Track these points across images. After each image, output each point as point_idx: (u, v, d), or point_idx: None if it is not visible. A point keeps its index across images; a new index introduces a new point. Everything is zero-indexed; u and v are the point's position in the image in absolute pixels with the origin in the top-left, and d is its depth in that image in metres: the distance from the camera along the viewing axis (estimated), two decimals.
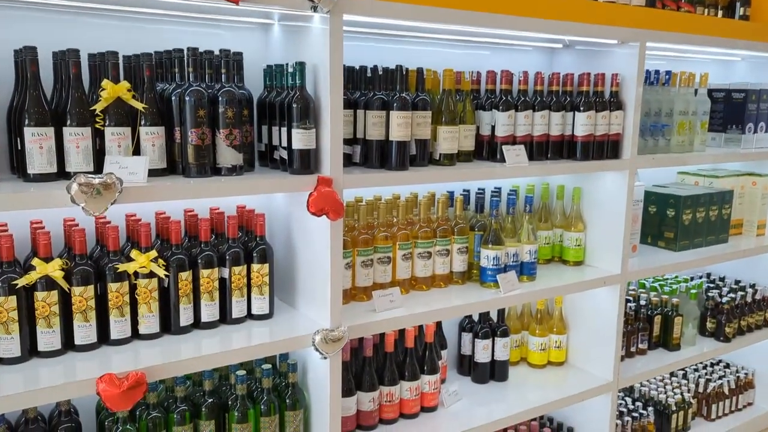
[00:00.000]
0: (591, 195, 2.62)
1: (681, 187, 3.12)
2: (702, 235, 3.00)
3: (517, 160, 2.21)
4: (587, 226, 2.64)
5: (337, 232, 1.80)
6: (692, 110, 2.82)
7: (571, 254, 2.63)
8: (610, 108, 2.42)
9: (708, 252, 2.95)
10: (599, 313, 2.62)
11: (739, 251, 3.00)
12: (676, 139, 2.78)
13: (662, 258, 2.82)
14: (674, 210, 2.91)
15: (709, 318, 3.10)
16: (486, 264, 2.28)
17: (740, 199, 3.24)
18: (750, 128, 3.09)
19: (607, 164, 2.43)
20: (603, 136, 2.41)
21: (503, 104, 2.24)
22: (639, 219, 2.79)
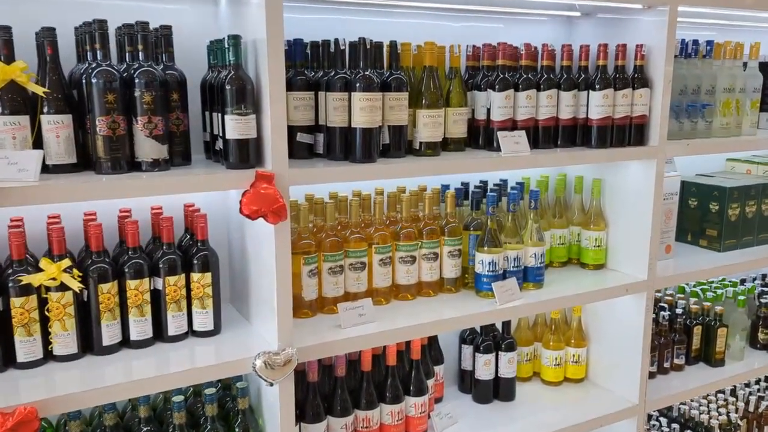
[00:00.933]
0: (614, 188, 2.25)
1: (729, 176, 2.70)
2: (752, 232, 2.58)
3: (515, 149, 1.87)
4: (609, 224, 2.27)
5: (284, 237, 1.53)
6: (740, 87, 2.39)
7: (590, 256, 2.27)
8: (633, 85, 2.04)
9: (759, 253, 2.52)
10: (624, 324, 2.26)
11: None
12: (719, 120, 2.37)
13: (702, 260, 2.42)
14: (718, 204, 2.50)
15: (761, 328, 2.67)
16: (481, 270, 1.96)
17: None
18: None
19: (628, 152, 2.06)
20: (624, 119, 2.04)
21: (499, 83, 1.91)
22: (674, 215, 2.40)
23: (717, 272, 2.37)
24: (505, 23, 2.32)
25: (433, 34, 1.92)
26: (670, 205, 2.38)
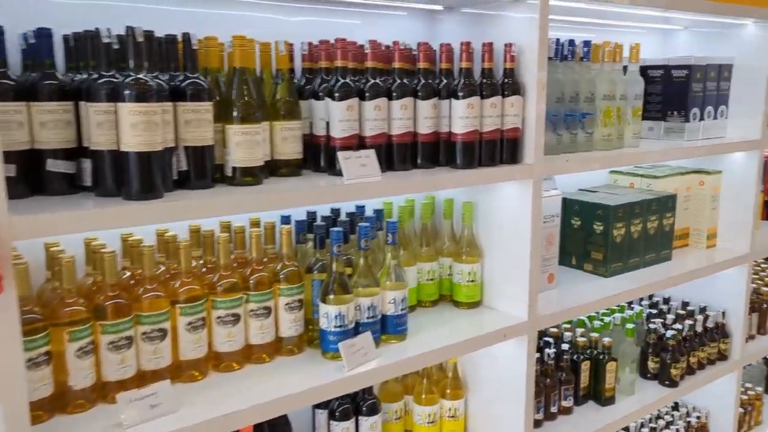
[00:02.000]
0: (488, 212, 1.92)
1: (612, 191, 2.46)
2: (639, 253, 2.34)
3: (361, 174, 1.48)
4: (485, 254, 1.94)
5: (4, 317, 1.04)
6: (621, 93, 2.14)
7: (464, 293, 1.93)
8: (503, 92, 1.71)
9: (648, 276, 2.29)
10: (505, 370, 1.93)
11: (685, 273, 2.34)
12: (600, 131, 2.10)
13: (588, 289, 2.14)
14: (603, 224, 2.24)
15: (651, 356, 2.45)
16: (326, 325, 1.55)
17: (686, 203, 2.60)
18: (695, 114, 2.44)
19: (499, 173, 1.73)
20: (494, 133, 1.71)
21: (340, 89, 1.51)
22: (555, 239, 2.11)
23: (605, 303, 2.09)
24: (363, 18, 1.94)
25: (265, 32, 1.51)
26: (551, 229, 2.08)
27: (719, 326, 2.64)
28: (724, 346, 2.63)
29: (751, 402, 2.92)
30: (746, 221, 2.57)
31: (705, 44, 2.66)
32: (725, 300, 2.68)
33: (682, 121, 2.43)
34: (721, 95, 2.53)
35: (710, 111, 2.50)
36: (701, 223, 2.62)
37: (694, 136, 2.45)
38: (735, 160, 2.58)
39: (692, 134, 2.44)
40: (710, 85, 2.47)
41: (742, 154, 2.55)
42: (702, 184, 2.60)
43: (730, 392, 2.71)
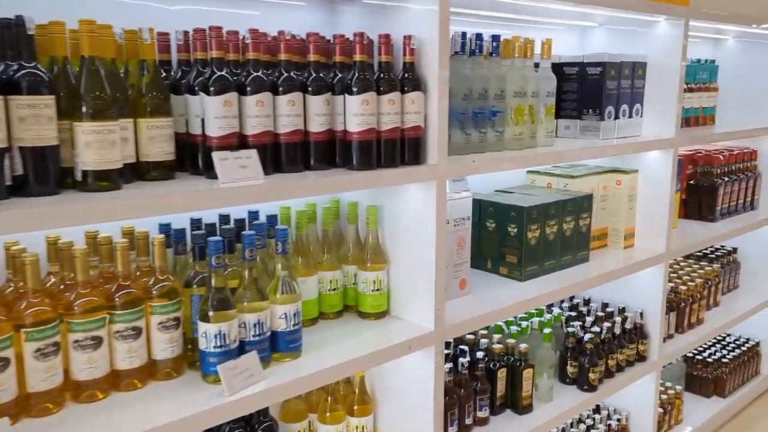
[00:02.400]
0: (394, 216, 1.80)
1: (528, 192, 2.38)
2: (555, 255, 2.28)
3: (239, 176, 1.33)
4: (391, 261, 1.82)
5: None
6: (532, 90, 2.06)
7: (369, 303, 1.80)
8: (402, 88, 1.59)
9: (562, 279, 2.22)
10: (413, 382, 1.82)
11: (601, 275, 2.29)
12: (511, 130, 2.02)
13: (502, 294, 2.06)
14: (517, 226, 2.16)
15: (569, 361, 2.39)
16: (205, 346, 1.40)
17: (603, 203, 2.56)
18: (610, 113, 2.40)
19: (398, 175, 1.61)
20: (393, 132, 1.59)
21: (215, 83, 1.36)
22: (467, 243, 2.01)
23: (518, 308, 2.01)
24: (261, 9, 1.78)
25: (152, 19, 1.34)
26: (462, 232, 1.98)
27: (638, 327, 2.61)
28: (642, 347, 2.60)
29: (670, 401, 2.92)
30: (662, 221, 2.55)
31: (621, 42, 2.63)
32: (643, 300, 2.65)
33: (597, 119, 2.39)
34: (636, 93, 2.50)
35: (625, 109, 2.46)
36: (619, 223, 2.59)
37: (610, 135, 2.41)
38: (650, 159, 2.55)
39: (607, 133, 2.40)
40: (625, 83, 2.44)
41: (657, 153, 2.53)
42: (619, 184, 2.57)
43: (650, 393, 2.69)
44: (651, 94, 2.52)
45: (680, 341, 2.86)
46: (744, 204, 3.32)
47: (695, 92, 3.09)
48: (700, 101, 3.13)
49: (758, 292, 3.46)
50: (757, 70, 3.39)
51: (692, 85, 3.07)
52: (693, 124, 3.11)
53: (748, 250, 3.51)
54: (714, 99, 3.23)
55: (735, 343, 3.47)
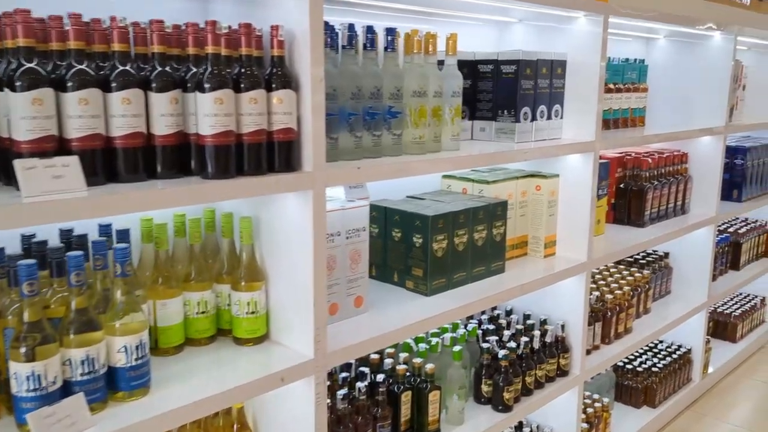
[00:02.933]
0: (272, 228, 1.60)
1: (439, 199, 2.22)
2: (465, 267, 2.11)
3: (51, 188, 1.12)
4: (270, 279, 1.63)
5: None
6: (435, 89, 1.89)
7: (245, 328, 1.61)
8: (268, 85, 1.40)
9: (472, 293, 2.06)
10: (294, 415, 1.63)
11: (517, 287, 2.14)
12: (411, 133, 1.84)
13: (402, 312, 1.88)
14: (422, 236, 1.99)
15: (484, 379, 2.23)
16: (17, 390, 1.18)
17: (522, 209, 2.41)
18: (526, 114, 2.25)
19: (264, 184, 1.41)
20: (257, 135, 1.39)
21: (22, 77, 1.14)
22: (363, 257, 1.82)
23: (419, 327, 1.84)
24: None
25: None
26: (357, 245, 1.80)
27: (559, 340, 2.47)
28: (564, 361, 2.47)
29: (597, 414, 2.80)
30: (583, 228, 2.42)
31: (541, 39, 2.48)
32: (566, 311, 2.52)
33: (512, 121, 2.23)
34: (555, 94, 2.36)
35: (543, 110, 2.31)
36: (539, 230, 2.44)
37: (526, 138, 2.26)
38: (571, 164, 2.42)
39: (523, 135, 2.25)
40: (542, 82, 2.29)
41: (577, 157, 2.39)
42: (538, 189, 2.42)
43: (572, 409, 2.56)
44: (571, 94, 2.39)
45: (606, 352, 2.74)
46: (674, 208, 3.23)
47: (623, 92, 2.98)
48: (628, 102, 3.02)
49: (689, 297, 3.38)
50: (689, 71, 3.30)
51: (620, 85, 2.96)
52: (621, 126, 3.00)
53: (680, 254, 3.42)
54: (644, 100, 3.13)
55: (667, 350, 3.38)
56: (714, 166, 3.27)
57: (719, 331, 4.04)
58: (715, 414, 3.32)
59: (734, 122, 3.60)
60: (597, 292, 2.78)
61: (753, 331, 4.19)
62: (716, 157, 3.26)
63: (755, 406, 3.45)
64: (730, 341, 4.00)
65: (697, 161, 3.32)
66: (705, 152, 3.29)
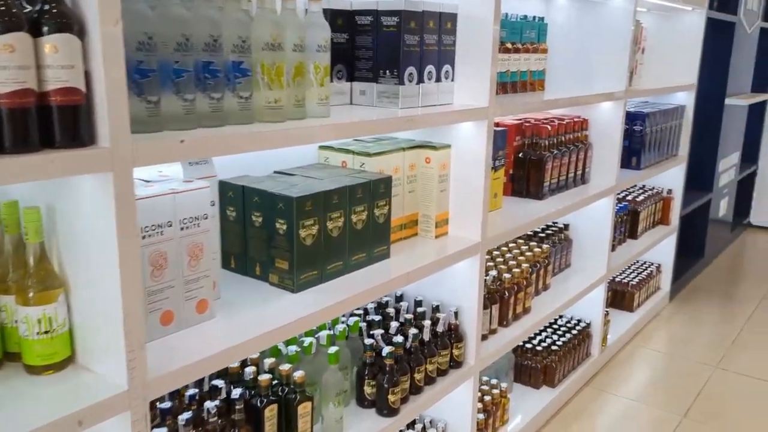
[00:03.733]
0: (70, 221, 1.22)
1: (312, 175, 1.89)
2: (342, 255, 1.81)
3: None
4: (72, 287, 1.25)
5: None
6: (294, 42, 1.54)
7: (36, 352, 1.22)
8: (37, 29, 1.00)
9: (350, 285, 1.76)
10: None
11: (401, 276, 1.86)
12: (263, 96, 1.49)
13: (262, 314, 1.56)
14: (286, 221, 1.66)
15: (367, 380, 1.96)
16: None
17: (411, 185, 2.13)
18: (411, 75, 1.94)
19: (29, 164, 1.02)
20: (18, 96, 0.99)
21: None
22: (205, 251, 1.47)
23: (278, 336, 1.52)
24: None
25: None
26: (196, 237, 1.44)
27: (452, 328, 2.23)
28: (457, 351, 2.24)
29: (495, 402, 2.61)
30: (476, 204, 2.16)
31: None
32: (460, 296, 2.28)
33: (395, 83, 1.92)
34: (445, 52, 2.06)
35: (431, 71, 2.02)
36: (429, 208, 2.17)
37: (411, 103, 1.96)
38: (463, 132, 2.15)
39: (408, 100, 1.94)
40: (430, 38, 1.99)
41: (470, 125, 2.12)
42: (428, 162, 2.14)
43: (467, 401, 2.34)
44: (463, 53, 2.10)
45: (504, 336, 2.54)
46: (574, 178, 3.06)
47: (522, 53, 2.73)
48: (528, 63, 2.78)
49: (589, 270, 3.26)
50: (589, 32, 3.11)
51: (519, 45, 2.71)
52: (520, 90, 2.76)
53: (580, 225, 3.28)
54: (543, 62, 2.90)
55: (566, 326, 3.25)
56: (614, 133, 3.12)
57: (617, 301, 3.99)
58: (613, 388, 3.24)
59: (634, 87, 3.47)
60: (494, 272, 2.57)
61: (649, 298, 4.18)
62: (616, 123, 3.11)
63: (649, 377, 3.41)
64: (628, 311, 3.96)
65: (597, 128, 3.16)
66: (605, 118, 3.13)
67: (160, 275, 1.36)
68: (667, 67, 4.08)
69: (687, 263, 4.69)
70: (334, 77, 1.95)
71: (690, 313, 4.21)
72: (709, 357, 3.59)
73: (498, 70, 2.52)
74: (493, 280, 2.53)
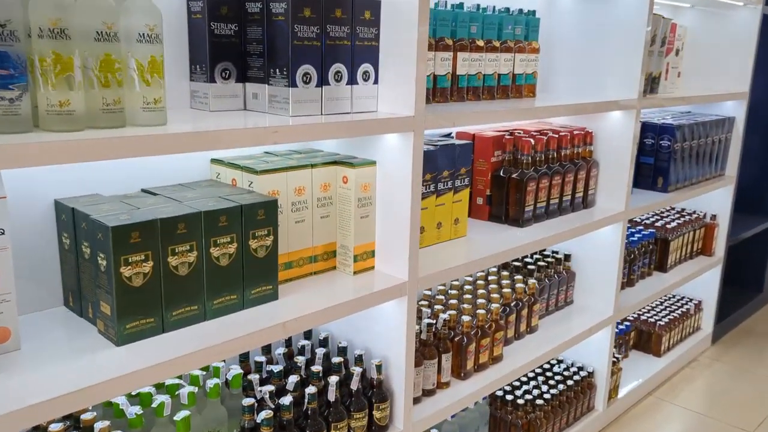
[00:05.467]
0: None
1: (177, 197, 1.54)
2: (195, 298, 1.45)
3: None
4: None
5: None
6: (99, 28, 1.20)
7: None
8: None
9: (196, 339, 1.40)
10: None
11: (272, 327, 1.48)
12: (47, 98, 1.15)
13: (74, 367, 1.22)
14: (105, 255, 1.32)
15: None
16: None
17: (323, 208, 1.75)
18: (307, 75, 1.57)
19: None
20: None
21: None
22: None
23: (73, 402, 1.18)
24: None
25: None
26: None
27: (374, 384, 1.83)
28: (380, 413, 1.83)
29: None
30: (402, 234, 1.76)
31: None
32: (388, 345, 1.88)
33: (285, 84, 1.55)
34: (363, 48, 1.68)
35: (340, 72, 1.64)
36: (346, 237, 1.78)
37: (309, 110, 1.59)
38: (389, 148, 1.75)
39: (304, 106, 1.57)
40: (337, 30, 1.61)
41: (395, 139, 1.72)
42: (345, 182, 1.76)
43: None
44: (389, 51, 1.71)
45: (459, 392, 2.11)
46: (572, 201, 2.58)
47: (501, 52, 2.30)
48: (508, 65, 2.34)
49: (593, 308, 2.76)
50: (599, 31, 2.63)
51: (495, 43, 2.27)
52: (499, 96, 2.33)
53: (584, 256, 2.79)
54: (533, 63, 2.45)
55: (562, 374, 2.77)
56: (624, 149, 2.62)
57: (642, 343, 3.44)
58: None
59: (662, 94, 2.95)
60: (445, 315, 2.14)
61: (684, 341, 3.59)
62: (627, 137, 2.61)
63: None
64: (654, 355, 3.40)
65: (605, 143, 2.66)
66: (615, 132, 2.64)
67: None
68: (714, 73, 3.50)
69: (738, 300, 4.05)
70: (217, 76, 1.60)
71: (734, 360, 3.59)
72: (747, 419, 2.99)
73: (466, 72, 2.11)
74: (445, 323, 2.10)
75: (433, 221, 2.09)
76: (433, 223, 2.09)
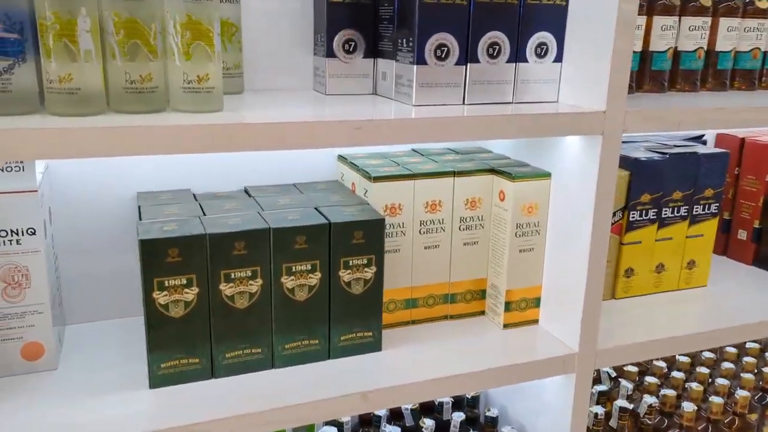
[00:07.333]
0: None
1: (279, 198, 1.22)
2: (259, 338, 1.11)
3: None
4: None
5: None
6: None
7: None
8: None
9: (256, 394, 1.06)
10: None
11: (344, 397, 1.07)
12: (54, 69, 0.89)
13: None
14: (142, 274, 1.04)
15: None
16: None
17: (469, 231, 1.28)
18: (443, 48, 1.10)
19: None
20: None
21: None
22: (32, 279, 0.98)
23: None
24: None
25: None
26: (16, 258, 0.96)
27: None
28: None
29: None
30: (576, 283, 1.19)
31: None
32: (551, 428, 1.33)
33: (410, 60, 1.11)
34: (539, 8, 1.14)
35: (498, 44, 1.13)
36: (499, 276, 1.28)
37: (445, 98, 1.12)
38: (566, 153, 1.19)
39: (434, 93, 1.11)
40: None
41: (577, 145, 1.16)
42: (502, 199, 1.25)
43: None
44: (578, 17, 1.14)
45: None
46: None
47: (756, 17, 1.50)
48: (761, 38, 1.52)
49: None
50: None
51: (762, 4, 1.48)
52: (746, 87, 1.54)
53: None
54: None
55: None
56: None
57: None
58: None
59: None
60: (661, 393, 1.48)
61: None
62: None
63: None
64: None
65: None
66: None
67: None
68: None
69: None
70: (338, 50, 1.23)
71: None
72: None
73: (686, 48, 1.42)
74: (651, 409, 1.46)
75: (650, 262, 1.45)
76: (650, 264, 1.45)
